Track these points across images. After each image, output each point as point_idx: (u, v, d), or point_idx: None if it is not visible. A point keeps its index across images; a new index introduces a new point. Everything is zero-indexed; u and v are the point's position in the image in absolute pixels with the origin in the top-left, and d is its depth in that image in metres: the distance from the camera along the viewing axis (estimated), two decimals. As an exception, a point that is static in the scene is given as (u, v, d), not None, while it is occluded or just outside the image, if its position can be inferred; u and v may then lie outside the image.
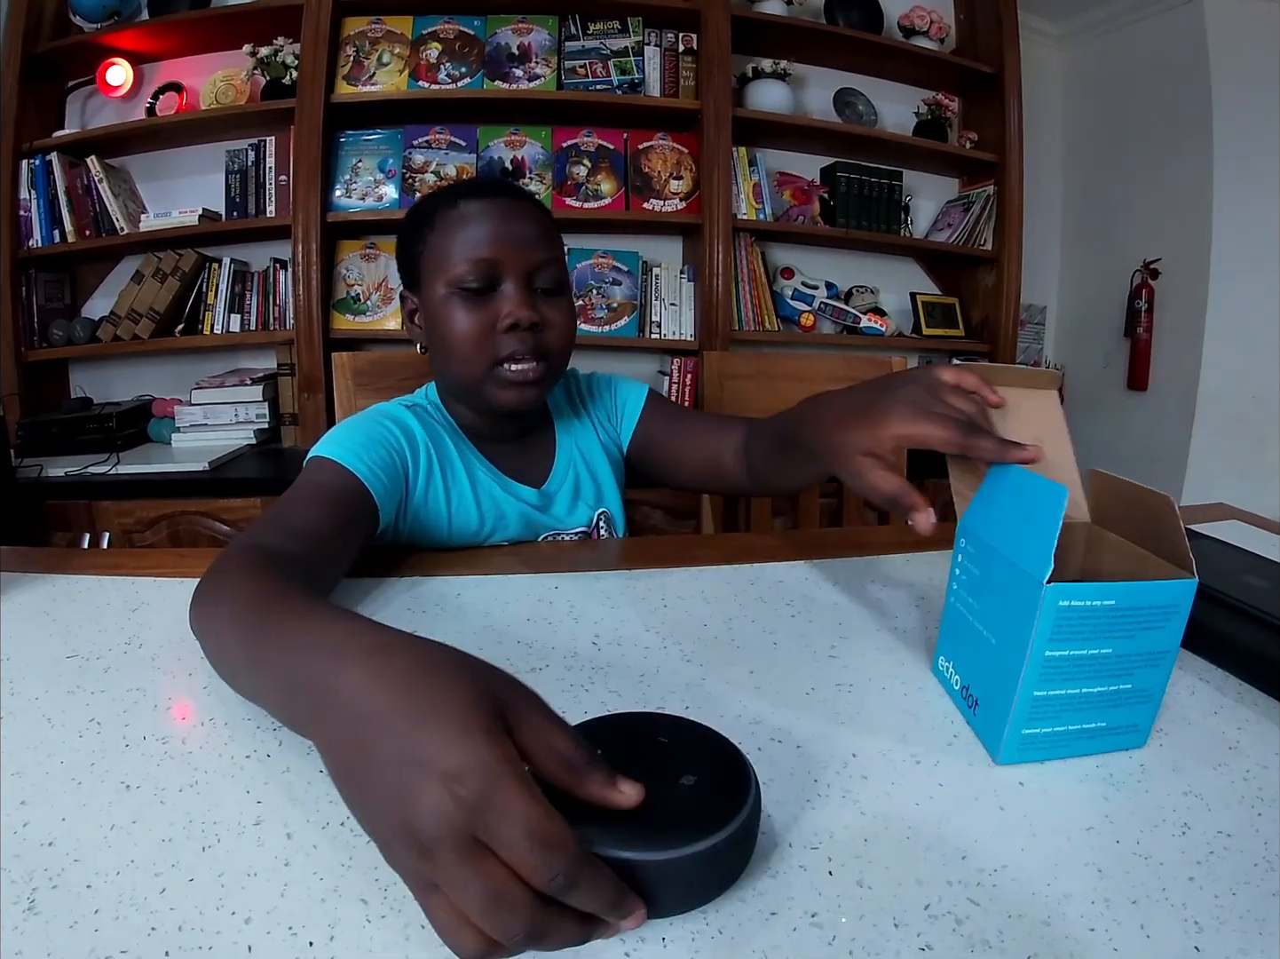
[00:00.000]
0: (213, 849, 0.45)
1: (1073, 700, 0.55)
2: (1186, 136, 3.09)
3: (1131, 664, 0.55)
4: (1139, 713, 0.57)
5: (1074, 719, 0.56)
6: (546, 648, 0.71)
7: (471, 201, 0.98)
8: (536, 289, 0.99)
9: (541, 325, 0.98)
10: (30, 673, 0.65)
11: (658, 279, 2.85)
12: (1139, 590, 0.53)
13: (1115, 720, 0.56)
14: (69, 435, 2.46)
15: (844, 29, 2.91)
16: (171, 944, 0.38)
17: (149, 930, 0.39)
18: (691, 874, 0.40)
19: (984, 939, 0.40)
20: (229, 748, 0.55)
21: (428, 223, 1.00)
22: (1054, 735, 0.56)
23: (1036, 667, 0.54)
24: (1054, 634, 0.53)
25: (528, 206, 1.02)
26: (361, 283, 2.74)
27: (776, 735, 0.58)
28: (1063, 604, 0.53)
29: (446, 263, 0.97)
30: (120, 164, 2.82)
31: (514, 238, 0.97)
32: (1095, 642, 0.54)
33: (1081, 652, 0.54)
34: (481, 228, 0.96)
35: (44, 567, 0.90)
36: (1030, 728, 0.55)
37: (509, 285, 0.97)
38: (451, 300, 0.97)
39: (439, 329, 0.99)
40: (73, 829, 0.46)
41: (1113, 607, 0.53)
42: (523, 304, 0.96)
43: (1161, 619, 0.54)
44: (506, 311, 0.96)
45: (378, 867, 0.43)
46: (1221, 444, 3.13)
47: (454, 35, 2.70)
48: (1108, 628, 0.54)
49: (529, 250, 0.98)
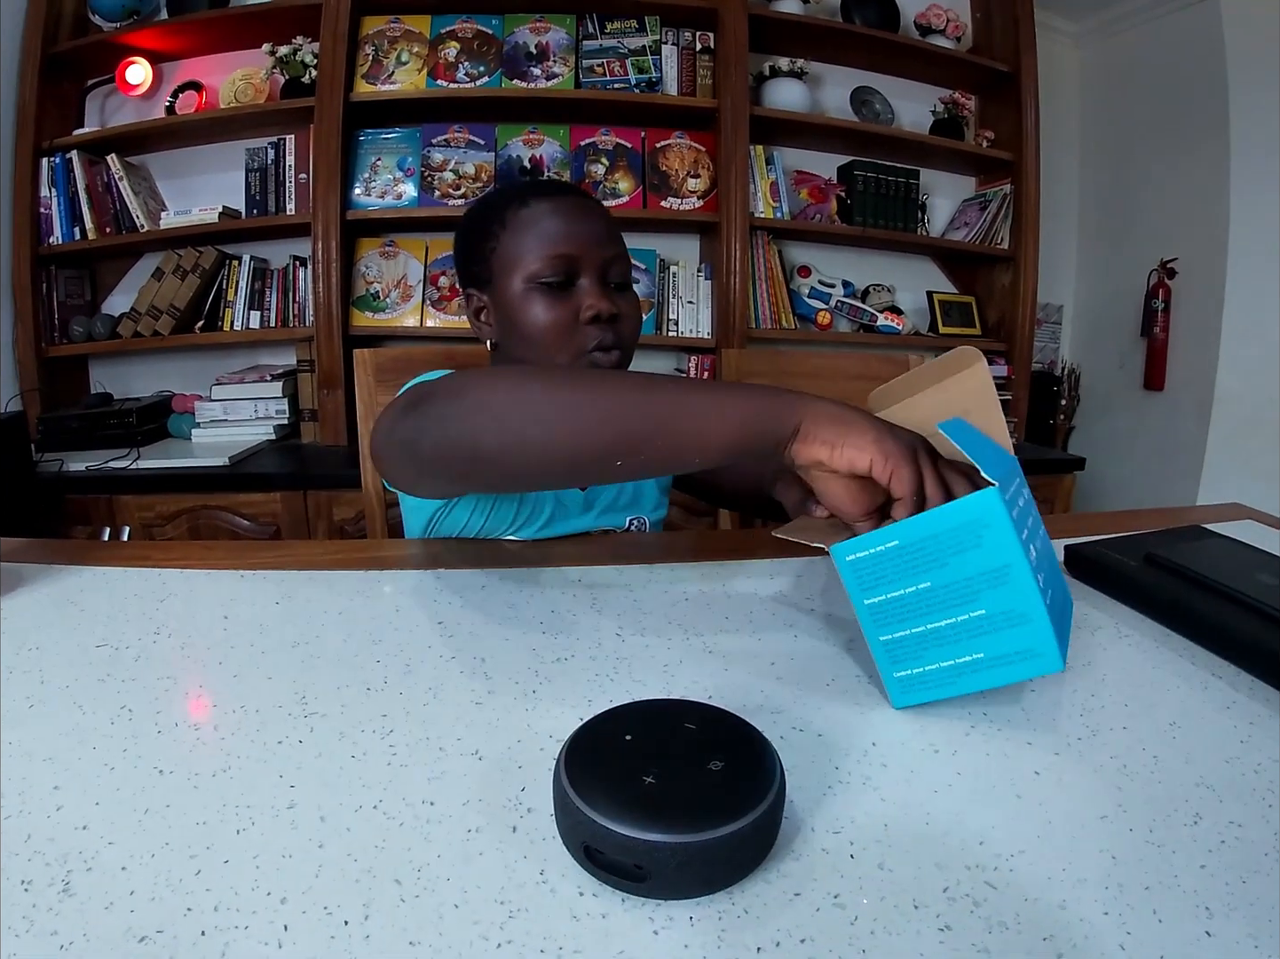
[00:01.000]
0: (247, 832, 0.46)
1: (926, 637, 0.58)
2: (1203, 135, 3.08)
3: (969, 590, 0.56)
4: (1024, 636, 0.56)
5: (943, 655, 0.58)
6: (571, 639, 0.72)
7: (543, 200, 1.02)
8: (610, 283, 1.03)
9: (618, 317, 1.02)
10: (60, 662, 0.66)
11: (675, 277, 2.86)
12: (919, 523, 0.57)
13: (998, 649, 0.56)
14: (89, 430, 2.48)
15: (861, 28, 2.91)
16: (208, 924, 0.39)
17: (185, 910, 0.40)
18: (719, 856, 0.40)
19: (1001, 921, 0.40)
20: (261, 734, 0.56)
21: (499, 221, 1.03)
22: (932, 674, 0.59)
23: (865, 615, 0.60)
24: (859, 585, 0.60)
25: (596, 205, 1.06)
26: (381, 280, 2.76)
27: (798, 724, 0.59)
28: (849, 558, 0.60)
29: (524, 259, 1.00)
30: (140, 162, 2.84)
31: (588, 234, 1.01)
32: (905, 580, 0.58)
33: (898, 592, 0.58)
34: (557, 224, 1.00)
35: (69, 559, 0.90)
36: (900, 670, 0.60)
37: (586, 280, 1.01)
38: (531, 295, 1.00)
39: (519, 323, 1.01)
40: (107, 813, 0.47)
41: (898, 546, 0.58)
42: (602, 296, 1.00)
43: (972, 539, 0.55)
44: (588, 304, 0.99)
45: (410, 848, 0.44)
46: (1237, 445, 3.11)
47: (472, 34, 2.71)
48: (911, 564, 0.57)
49: (602, 246, 1.02)
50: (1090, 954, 0.39)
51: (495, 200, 1.07)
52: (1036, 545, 0.60)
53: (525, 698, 0.62)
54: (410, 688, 0.63)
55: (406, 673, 0.65)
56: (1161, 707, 0.64)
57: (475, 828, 0.46)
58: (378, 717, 0.58)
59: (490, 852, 0.45)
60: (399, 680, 0.64)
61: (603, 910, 0.41)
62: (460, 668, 0.66)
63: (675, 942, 0.39)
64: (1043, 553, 0.62)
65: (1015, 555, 0.55)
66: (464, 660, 0.68)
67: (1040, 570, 0.57)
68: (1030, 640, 0.56)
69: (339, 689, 0.62)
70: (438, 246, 2.81)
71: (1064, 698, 0.65)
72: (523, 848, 0.45)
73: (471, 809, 0.48)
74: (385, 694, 0.62)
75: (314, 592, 0.82)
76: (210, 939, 0.38)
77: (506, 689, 0.63)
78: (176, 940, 0.38)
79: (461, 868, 0.43)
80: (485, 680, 0.64)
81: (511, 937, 0.39)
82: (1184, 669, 0.70)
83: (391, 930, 0.39)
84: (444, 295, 2.77)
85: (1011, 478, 0.61)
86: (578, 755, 0.45)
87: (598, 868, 0.42)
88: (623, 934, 0.39)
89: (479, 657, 0.68)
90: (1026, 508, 0.62)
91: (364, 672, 0.65)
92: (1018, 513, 0.57)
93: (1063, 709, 0.63)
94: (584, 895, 0.42)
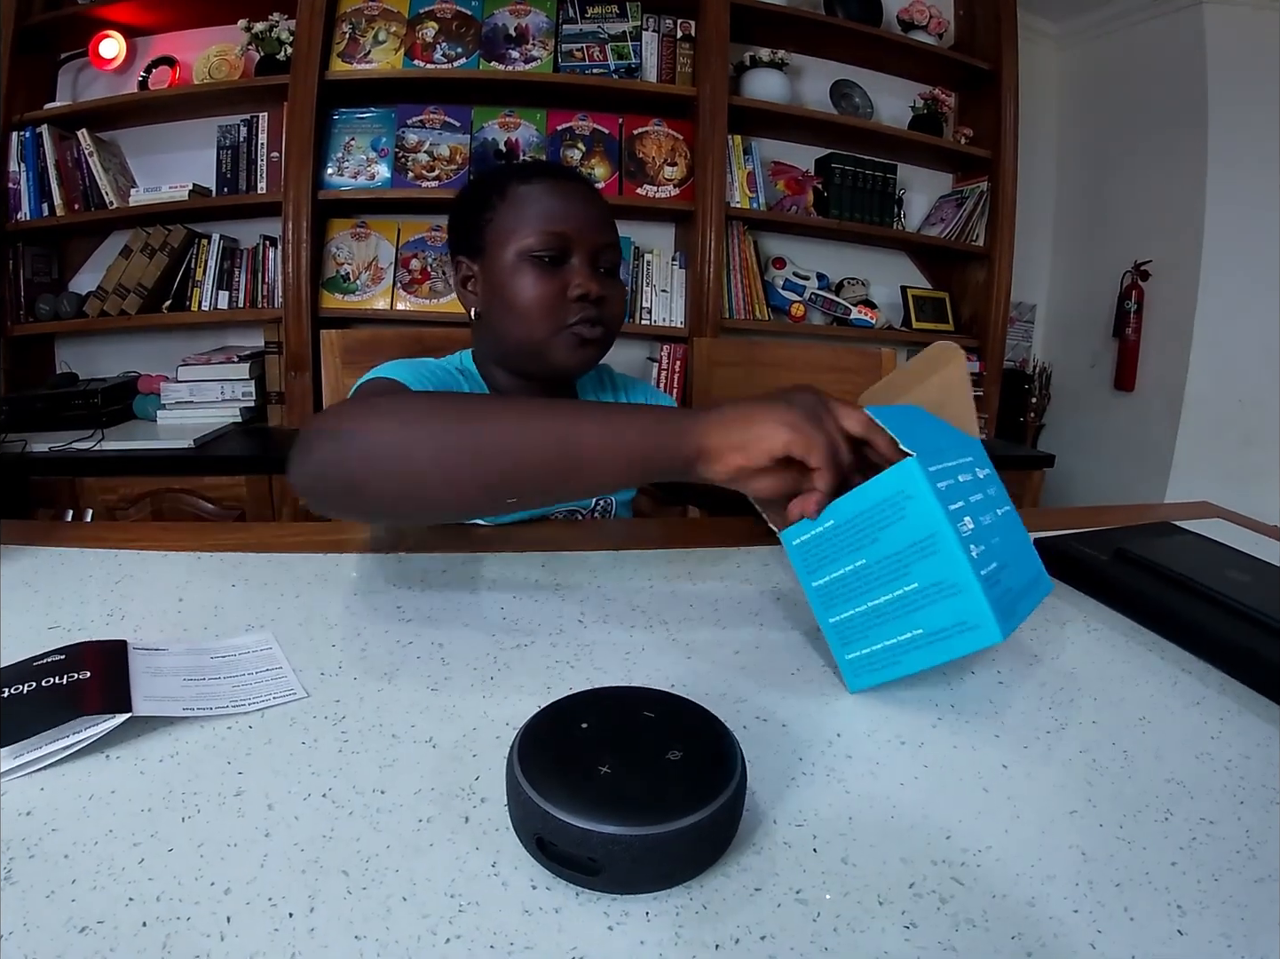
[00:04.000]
0: (192, 819, 0.44)
1: (868, 617, 0.59)
2: (1181, 140, 3.10)
3: (901, 564, 0.57)
4: (959, 608, 0.55)
5: (886, 634, 0.59)
6: (532, 624, 0.71)
7: (545, 179, 1.04)
8: (600, 269, 1.05)
9: (604, 300, 1.04)
10: (11, 644, 0.64)
11: (649, 265, 2.84)
12: (848, 501, 0.59)
13: (935, 623, 0.56)
14: (54, 411, 2.44)
15: (843, 20, 2.90)
16: (149, 914, 0.38)
17: (127, 900, 0.39)
18: (676, 849, 0.39)
19: (968, 918, 0.40)
20: (210, 719, 0.54)
21: (498, 193, 1.05)
22: (879, 654, 0.59)
23: (814, 598, 0.62)
24: (805, 568, 0.62)
25: (595, 193, 1.09)
26: (351, 262, 2.73)
27: (761, 714, 0.58)
28: (795, 543, 0.62)
29: (519, 232, 1.02)
30: (111, 138, 2.78)
31: (584, 217, 1.03)
32: (844, 559, 0.60)
33: (839, 571, 0.60)
34: (555, 203, 1.03)
35: (26, 539, 0.89)
36: (851, 652, 0.61)
37: (577, 260, 1.03)
38: (522, 267, 1.01)
39: (506, 293, 1.02)
40: (51, 799, 0.46)
41: (834, 525, 0.60)
42: (591, 278, 1.02)
43: (895, 512, 0.56)
44: (577, 283, 1.01)
45: (359, 838, 0.43)
46: (1207, 446, 3.15)
47: (451, 15, 2.68)
48: (847, 543, 0.59)
49: (597, 231, 1.04)
50: (1060, 952, 0.38)
51: (497, 173, 1.09)
52: (986, 520, 0.60)
53: (483, 684, 0.61)
54: (365, 673, 0.62)
55: (362, 658, 0.64)
56: (1131, 701, 0.63)
57: (426, 818, 0.45)
58: (330, 702, 0.57)
59: (441, 843, 0.43)
60: (353, 665, 0.63)
61: (556, 904, 0.40)
62: (417, 653, 0.65)
63: (631, 937, 0.38)
64: (997, 528, 0.62)
65: (940, 524, 0.55)
66: (421, 645, 0.66)
67: (981, 543, 0.57)
68: (965, 612, 0.55)
69: (292, 673, 0.61)
70: (410, 229, 2.78)
71: (1032, 691, 0.64)
72: (475, 839, 0.44)
73: (423, 798, 0.47)
74: (339, 679, 0.61)
75: (272, 574, 0.81)
76: (151, 930, 0.37)
77: (464, 675, 0.62)
78: (117, 931, 0.37)
79: (411, 859, 0.42)
80: (442, 666, 0.63)
81: (461, 931, 0.38)
82: (1154, 664, 0.70)
83: (337, 923, 0.38)
84: (415, 278, 2.74)
85: (955, 455, 0.62)
86: (531, 744, 0.44)
87: (551, 860, 0.41)
88: (576, 929, 0.38)
89: (437, 642, 0.67)
90: (974, 484, 0.62)
91: (318, 656, 0.64)
92: (950, 486, 0.58)
93: (1031, 702, 0.62)
94: (537, 889, 0.40)
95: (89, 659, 0.57)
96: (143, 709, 0.52)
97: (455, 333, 1.40)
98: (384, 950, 0.36)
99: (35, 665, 0.55)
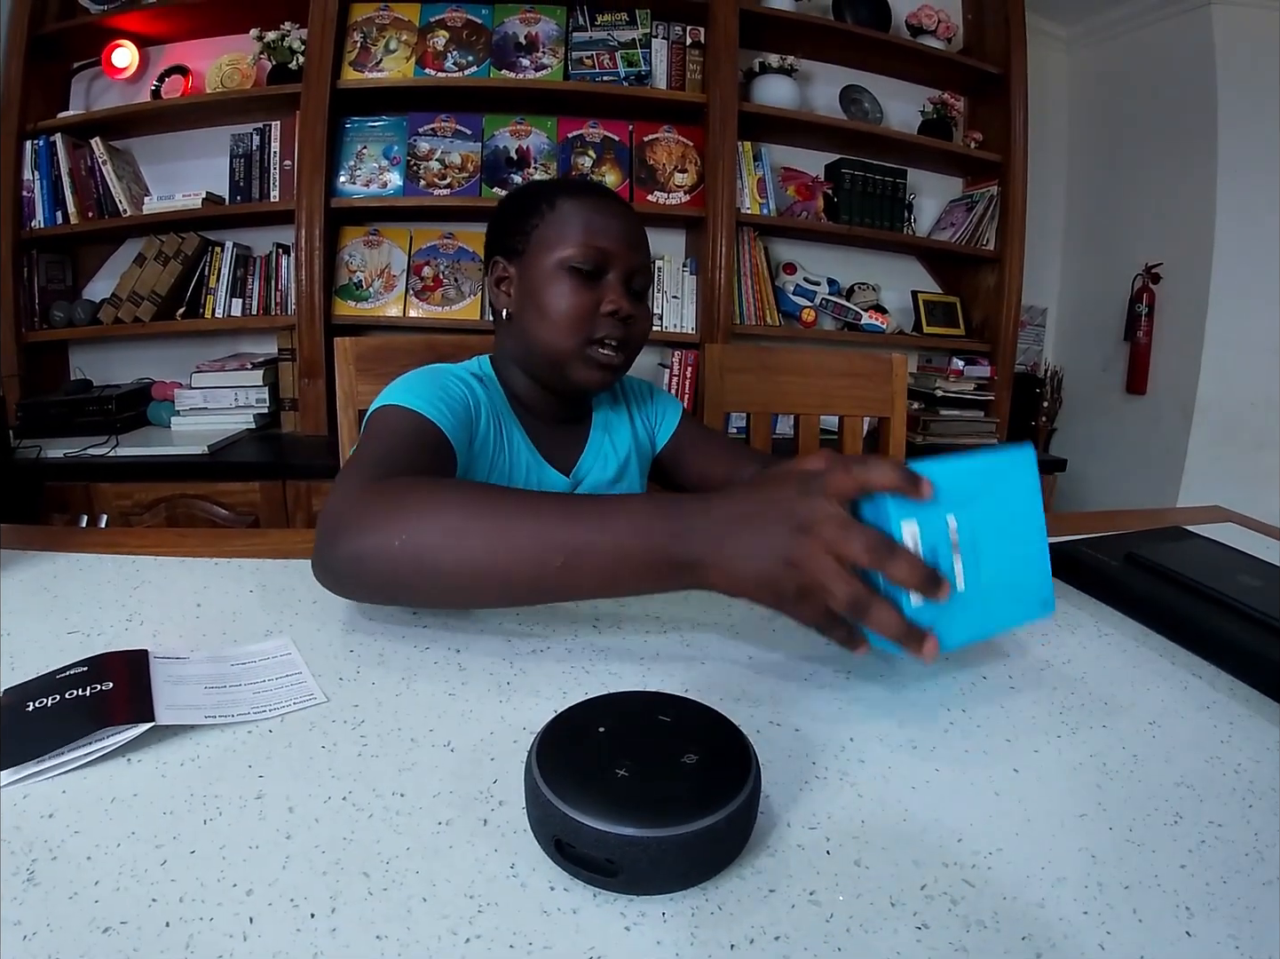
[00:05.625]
0: (214, 822, 0.45)
1: None
2: (1191, 142, 3.09)
3: None
4: None
5: None
6: (547, 630, 0.72)
7: (593, 196, 1.07)
8: (632, 289, 1.07)
9: (633, 319, 1.06)
10: (31, 648, 0.65)
11: (660, 272, 2.84)
12: None
13: None
14: (68, 417, 2.45)
15: (852, 26, 2.90)
16: (172, 915, 0.38)
17: (150, 901, 0.39)
18: (692, 851, 0.40)
19: (979, 919, 0.40)
20: (231, 723, 0.55)
21: (547, 202, 1.07)
22: None
23: None
24: None
25: (637, 218, 1.10)
26: (364, 269, 2.74)
27: (775, 718, 0.58)
28: None
29: (563, 242, 1.03)
30: (124, 146, 2.80)
31: (626, 237, 1.05)
32: None
33: None
34: (600, 219, 1.05)
35: (43, 544, 0.90)
36: None
37: (613, 277, 1.04)
38: (559, 276, 1.03)
39: (540, 299, 1.04)
40: (73, 801, 0.46)
41: None
42: (624, 296, 1.04)
43: None
44: (610, 299, 1.03)
45: (379, 840, 0.44)
46: (1219, 449, 3.13)
47: (461, 23, 2.69)
48: None
49: (634, 252, 1.06)
50: (1069, 953, 0.38)
51: (547, 185, 1.12)
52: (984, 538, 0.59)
53: (499, 689, 0.61)
54: (383, 678, 0.62)
55: (380, 662, 0.65)
56: (1141, 706, 0.63)
57: (445, 820, 0.46)
58: (349, 706, 0.58)
59: (460, 844, 0.44)
60: (371, 670, 0.63)
61: (574, 905, 0.40)
62: (434, 658, 0.66)
63: (647, 938, 0.38)
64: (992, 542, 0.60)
65: None
66: (438, 651, 0.67)
67: None
68: None
69: (311, 678, 0.61)
70: (422, 236, 2.79)
71: (1043, 696, 0.64)
72: (493, 841, 0.44)
73: (442, 801, 0.48)
74: (358, 684, 0.61)
75: (289, 580, 0.81)
76: (174, 931, 0.38)
77: (480, 680, 0.62)
78: (140, 932, 0.37)
79: (431, 860, 0.43)
80: (459, 671, 0.64)
81: (480, 931, 0.38)
82: (1164, 669, 0.70)
83: (358, 924, 0.38)
84: (427, 286, 2.75)
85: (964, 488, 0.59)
86: (550, 747, 0.44)
87: (569, 862, 0.41)
88: (594, 930, 0.39)
89: (453, 647, 0.68)
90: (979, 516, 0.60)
91: (336, 661, 0.65)
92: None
93: (1042, 707, 0.63)
94: (555, 890, 0.41)
95: (111, 670, 0.58)
96: (165, 718, 0.53)
97: (468, 339, 1.41)
98: (405, 950, 0.37)
99: (59, 678, 0.56)
